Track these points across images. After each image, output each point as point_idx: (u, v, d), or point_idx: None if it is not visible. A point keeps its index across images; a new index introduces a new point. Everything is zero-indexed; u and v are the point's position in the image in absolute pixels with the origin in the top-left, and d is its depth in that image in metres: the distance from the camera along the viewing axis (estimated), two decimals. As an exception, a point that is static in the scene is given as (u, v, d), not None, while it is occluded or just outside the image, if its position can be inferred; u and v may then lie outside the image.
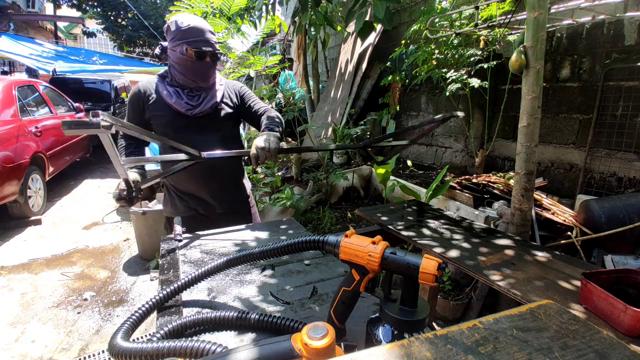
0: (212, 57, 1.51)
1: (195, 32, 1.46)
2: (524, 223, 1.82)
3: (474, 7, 2.72)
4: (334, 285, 1.02)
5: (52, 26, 14.91)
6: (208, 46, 1.48)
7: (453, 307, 2.36)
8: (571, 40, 3.11)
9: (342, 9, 4.38)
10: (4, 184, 3.70)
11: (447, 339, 0.41)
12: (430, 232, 1.43)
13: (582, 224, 2.22)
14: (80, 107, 6.40)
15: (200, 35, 1.46)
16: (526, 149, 1.74)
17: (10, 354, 2.22)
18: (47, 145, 4.70)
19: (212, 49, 1.50)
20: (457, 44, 3.51)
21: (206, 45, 1.47)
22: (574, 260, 1.18)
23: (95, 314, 2.65)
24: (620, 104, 2.77)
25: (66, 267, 3.32)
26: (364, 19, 2.17)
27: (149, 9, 14.56)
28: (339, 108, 5.40)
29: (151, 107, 1.55)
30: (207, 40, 1.48)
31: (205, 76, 1.54)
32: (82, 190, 5.68)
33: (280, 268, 1.13)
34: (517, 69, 1.72)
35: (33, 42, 9.95)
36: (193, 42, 1.45)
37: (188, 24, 1.45)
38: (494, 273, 1.08)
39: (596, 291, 0.88)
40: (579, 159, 3.06)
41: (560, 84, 3.21)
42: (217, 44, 1.54)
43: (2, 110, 4.06)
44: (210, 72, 1.55)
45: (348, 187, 4.26)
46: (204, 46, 1.47)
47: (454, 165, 4.34)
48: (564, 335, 0.44)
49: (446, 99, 4.16)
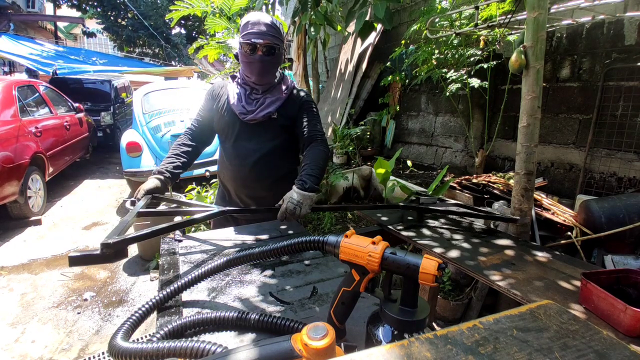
0: (266, 51, 1.45)
1: (250, 25, 1.44)
2: (524, 223, 1.82)
3: (474, 7, 2.72)
4: (334, 285, 1.01)
5: (52, 26, 14.91)
6: (259, 38, 1.42)
7: (453, 307, 2.36)
8: (571, 40, 3.11)
9: (342, 8, 4.38)
10: (4, 184, 3.70)
11: (447, 339, 0.41)
12: (430, 232, 1.43)
13: (582, 224, 2.22)
14: (80, 107, 6.39)
15: (254, 28, 1.43)
16: (526, 149, 1.74)
17: (10, 354, 2.22)
18: (47, 146, 4.69)
19: (264, 41, 1.43)
20: (457, 44, 3.51)
21: (257, 38, 1.42)
22: (573, 260, 1.18)
23: (95, 314, 2.65)
24: (620, 104, 2.77)
25: (66, 267, 3.32)
26: (364, 19, 2.17)
27: (149, 9, 14.56)
28: (339, 108, 5.40)
29: (220, 106, 1.59)
30: (260, 33, 1.42)
31: (258, 71, 1.48)
32: (82, 190, 5.67)
33: (281, 268, 1.13)
34: (517, 69, 1.72)
35: (33, 42, 9.95)
36: (245, 35, 1.44)
37: (247, 20, 1.45)
38: (494, 273, 1.08)
39: (596, 291, 0.88)
40: (579, 159, 3.06)
41: (560, 84, 3.21)
42: (277, 37, 1.47)
43: (2, 110, 4.06)
44: (264, 67, 1.48)
45: (348, 187, 4.26)
46: (254, 38, 1.42)
47: (454, 165, 4.34)
48: (564, 335, 0.44)
49: (446, 99, 4.16)
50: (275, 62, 1.51)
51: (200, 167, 4.85)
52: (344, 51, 6.02)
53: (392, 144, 5.40)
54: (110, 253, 0.85)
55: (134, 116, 5.14)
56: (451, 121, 4.47)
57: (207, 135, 1.68)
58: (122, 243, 0.89)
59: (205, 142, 1.69)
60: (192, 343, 0.63)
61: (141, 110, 5.12)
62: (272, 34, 1.45)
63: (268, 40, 1.44)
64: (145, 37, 14.88)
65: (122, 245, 0.88)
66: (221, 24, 3.30)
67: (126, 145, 4.63)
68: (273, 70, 1.55)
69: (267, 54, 1.46)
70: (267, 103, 1.53)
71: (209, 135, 1.69)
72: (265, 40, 1.44)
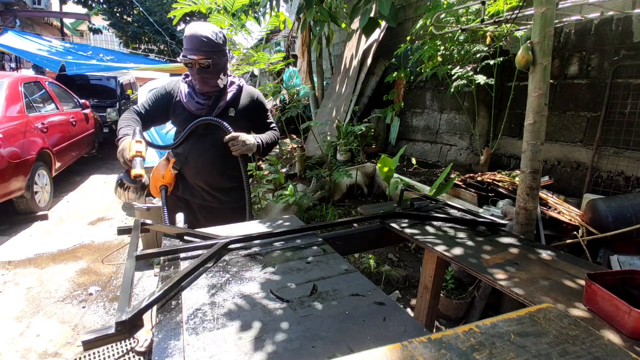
0: (202, 65, 1.56)
1: (186, 40, 1.55)
2: (529, 222, 1.80)
3: (480, 2, 2.68)
4: (335, 283, 1.01)
5: (58, 22, 14.98)
6: (193, 54, 1.54)
7: (456, 306, 2.34)
8: (579, 37, 3.06)
9: (346, 5, 4.35)
10: (11, 179, 3.74)
11: (441, 344, 0.40)
12: (434, 229, 1.42)
13: (589, 223, 2.20)
14: (86, 104, 6.43)
15: (188, 44, 1.54)
16: (532, 147, 1.72)
17: (15, 347, 2.25)
18: (53, 141, 4.73)
19: (197, 57, 1.54)
20: (463, 40, 3.46)
21: (192, 54, 1.54)
22: (578, 260, 1.16)
23: (100, 308, 2.68)
24: (629, 101, 2.72)
25: (72, 262, 3.35)
26: (369, 15, 2.14)
27: (154, 5, 14.56)
28: (343, 105, 5.38)
29: (174, 107, 1.72)
30: (194, 49, 1.54)
31: (199, 82, 1.63)
32: (88, 185, 5.72)
33: (281, 266, 1.12)
34: (523, 65, 1.69)
35: (40, 38, 10.00)
36: (183, 50, 1.57)
37: (185, 33, 1.56)
38: (497, 272, 1.07)
39: (600, 292, 0.86)
40: (586, 158, 3.02)
41: (568, 81, 3.17)
42: (211, 52, 1.56)
43: (8, 106, 4.09)
44: (203, 79, 1.61)
45: (351, 185, 4.25)
46: (190, 54, 1.54)
47: (458, 163, 4.31)
48: (563, 340, 0.43)
49: (451, 96, 4.12)
50: (214, 72, 1.62)
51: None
52: (348, 47, 5.98)
53: (397, 141, 5.37)
54: (126, 329, 0.79)
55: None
56: (456, 118, 4.43)
57: (146, 123, 1.75)
58: (136, 317, 0.81)
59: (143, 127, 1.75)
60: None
61: (146, 107, 5.14)
62: (206, 49, 1.55)
63: (202, 55, 1.55)
64: (151, 33, 14.90)
65: (136, 318, 0.81)
66: (224, 22, 3.29)
67: (131, 142, 4.65)
68: (213, 81, 1.65)
69: (203, 67, 1.57)
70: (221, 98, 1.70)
71: (148, 125, 1.78)
72: (198, 56, 1.55)
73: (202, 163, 1.73)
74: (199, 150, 1.71)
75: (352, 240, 1.47)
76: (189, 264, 1.05)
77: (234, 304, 0.90)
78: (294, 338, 0.76)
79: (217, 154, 1.71)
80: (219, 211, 1.80)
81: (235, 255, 1.19)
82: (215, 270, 1.09)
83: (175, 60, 14.43)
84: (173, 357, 0.71)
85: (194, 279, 1.03)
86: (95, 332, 0.76)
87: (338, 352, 0.71)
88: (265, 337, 0.77)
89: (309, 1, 2.55)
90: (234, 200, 1.81)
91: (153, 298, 0.88)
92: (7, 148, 3.74)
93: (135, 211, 3.46)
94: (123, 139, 1.53)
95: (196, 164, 1.73)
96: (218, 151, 1.69)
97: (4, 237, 3.80)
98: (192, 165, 1.73)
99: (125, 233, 1.31)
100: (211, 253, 1.11)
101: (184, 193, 1.81)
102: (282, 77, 6.82)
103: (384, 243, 1.62)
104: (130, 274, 0.97)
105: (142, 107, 1.73)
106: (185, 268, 1.02)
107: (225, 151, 1.67)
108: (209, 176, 1.75)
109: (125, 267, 1.01)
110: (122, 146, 1.50)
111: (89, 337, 0.74)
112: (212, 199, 1.79)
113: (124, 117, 1.66)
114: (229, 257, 1.17)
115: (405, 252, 3.24)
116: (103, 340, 0.76)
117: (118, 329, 0.77)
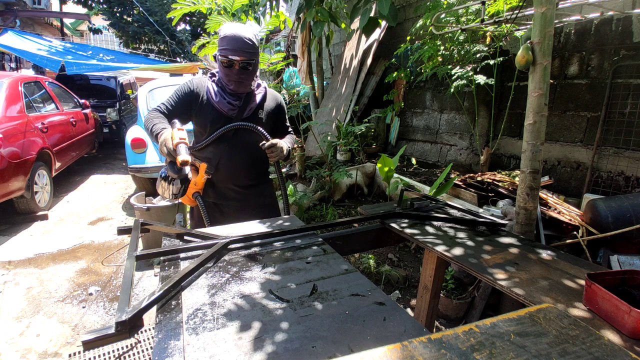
0: (242, 67, 1.56)
1: (227, 40, 1.54)
2: (529, 222, 1.80)
3: (480, 2, 2.69)
4: (335, 283, 1.01)
5: (58, 22, 14.98)
6: (236, 55, 1.53)
7: (456, 306, 2.34)
8: (579, 37, 3.06)
9: (346, 5, 4.35)
10: (11, 179, 3.74)
11: (441, 344, 0.40)
12: (434, 229, 1.42)
13: (589, 223, 2.20)
14: (86, 104, 6.43)
15: (231, 44, 1.53)
16: (532, 147, 1.72)
17: (15, 347, 2.25)
18: (53, 141, 4.73)
19: (240, 58, 1.53)
20: (463, 40, 3.46)
21: (234, 54, 1.53)
22: (579, 260, 1.16)
23: (100, 308, 2.68)
24: (629, 101, 2.73)
25: (72, 262, 3.35)
26: (369, 15, 2.14)
27: (154, 5, 14.56)
28: (343, 105, 5.38)
29: (200, 107, 1.67)
30: (237, 50, 1.53)
31: (235, 83, 1.60)
32: (88, 186, 5.72)
33: (281, 266, 1.12)
34: (523, 65, 1.69)
35: (40, 38, 10.00)
36: (223, 50, 1.55)
37: (224, 33, 1.54)
38: (497, 272, 1.07)
39: (600, 292, 0.86)
40: (586, 158, 3.02)
41: (568, 81, 3.17)
42: (253, 53, 1.57)
43: (8, 106, 4.09)
44: (240, 80, 1.60)
45: (351, 185, 4.25)
46: (232, 55, 1.53)
47: (458, 163, 4.31)
48: (563, 340, 0.43)
49: (451, 96, 4.12)
50: (251, 74, 1.62)
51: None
52: (348, 47, 5.99)
53: (397, 141, 5.37)
54: (126, 329, 0.79)
55: (139, 112, 5.16)
56: (456, 118, 4.43)
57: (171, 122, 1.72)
58: (136, 317, 0.81)
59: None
60: None
61: (146, 107, 5.14)
62: (248, 51, 1.55)
63: (244, 57, 1.55)
64: (151, 33, 14.90)
65: (136, 319, 0.82)
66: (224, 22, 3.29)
67: (131, 142, 4.65)
68: (249, 82, 1.65)
69: (243, 69, 1.57)
70: (250, 100, 1.69)
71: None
72: (241, 57, 1.54)
73: (234, 166, 1.71)
74: (230, 153, 1.69)
75: (352, 240, 1.47)
76: (189, 264, 1.05)
77: (234, 304, 0.90)
78: (294, 338, 0.76)
79: (248, 155, 1.71)
80: (251, 209, 1.78)
81: (235, 255, 1.19)
82: (215, 270, 1.09)
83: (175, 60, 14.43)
84: (173, 357, 0.71)
85: (194, 279, 1.03)
86: (95, 332, 0.76)
87: (338, 352, 0.71)
88: (265, 337, 0.76)
89: (309, 1, 2.55)
90: (265, 194, 1.84)
91: (153, 298, 0.88)
92: (7, 148, 3.74)
93: (135, 211, 3.46)
94: (161, 132, 1.47)
95: (227, 167, 1.70)
96: (248, 152, 1.70)
97: (4, 237, 3.80)
98: (223, 169, 1.71)
99: (125, 233, 1.31)
100: (211, 253, 1.11)
101: (215, 198, 1.77)
102: (282, 77, 6.82)
103: (384, 243, 1.62)
104: (130, 274, 0.97)
105: (165, 106, 1.67)
106: (185, 268, 1.02)
107: (254, 152, 1.69)
108: (240, 177, 1.74)
109: (125, 267, 1.01)
110: (164, 137, 1.43)
111: (89, 337, 0.74)
112: (245, 197, 1.78)
113: (152, 116, 1.60)
114: (229, 257, 1.17)
115: (405, 252, 3.24)
116: (103, 340, 0.76)
117: (118, 329, 0.77)
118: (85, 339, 0.73)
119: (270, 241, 1.30)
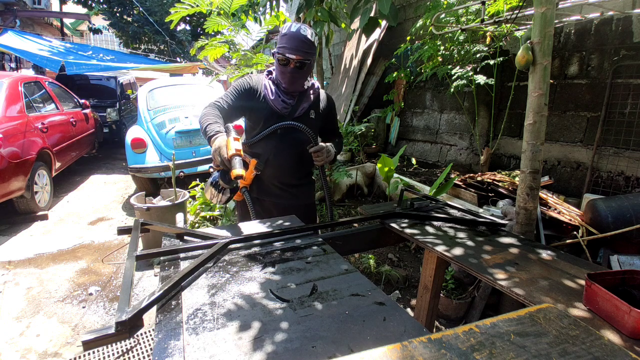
0: (298, 65, 1.57)
1: (286, 39, 1.54)
2: (529, 222, 1.80)
3: (480, 2, 2.69)
4: (335, 283, 1.01)
5: (58, 22, 14.97)
6: (292, 54, 1.54)
7: (456, 306, 2.34)
8: (579, 37, 3.06)
9: (346, 4, 4.35)
10: (11, 179, 3.74)
11: (441, 344, 0.40)
12: (434, 229, 1.42)
13: (589, 223, 2.20)
14: (86, 104, 6.43)
15: (289, 43, 1.54)
16: (532, 147, 1.72)
17: (15, 347, 2.24)
18: (53, 141, 4.73)
19: (296, 57, 1.55)
20: (463, 40, 3.46)
21: (291, 53, 1.54)
22: (578, 260, 1.16)
23: (100, 308, 2.68)
24: (629, 101, 2.73)
25: (72, 262, 3.35)
26: (369, 15, 2.15)
27: (154, 5, 14.55)
28: (343, 105, 5.37)
29: (256, 103, 1.68)
30: (294, 49, 1.54)
31: (289, 81, 1.62)
32: (88, 186, 5.72)
33: (281, 265, 1.12)
34: (523, 65, 1.69)
35: (40, 38, 10.00)
36: (281, 48, 1.56)
37: (285, 31, 1.56)
38: (496, 272, 1.07)
39: (600, 292, 0.86)
40: (586, 158, 3.02)
41: (568, 81, 3.17)
42: (309, 53, 1.58)
43: (8, 106, 4.09)
44: (294, 78, 1.61)
45: (351, 185, 4.25)
46: (288, 53, 1.54)
47: (458, 163, 4.31)
48: (563, 341, 0.43)
49: (451, 96, 4.12)
50: (305, 73, 1.63)
51: (204, 163, 4.82)
52: (348, 47, 5.98)
53: (397, 141, 5.37)
54: (126, 329, 0.79)
55: (139, 112, 5.16)
56: (456, 118, 4.43)
57: (225, 119, 1.67)
58: (136, 317, 0.82)
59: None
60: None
61: (146, 107, 5.14)
62: (305, 50, 1.56)
63: (300, 56, 1.55)
64: (151, 33, 14.89)
65: (136, 319, 0.82)
66: (222, 23, 3.29)
67: (131, 142, 4.65)
68: (302, 81, 1.66)
69: (298, 68, 1.58)
70: (304, 99, 1.71)
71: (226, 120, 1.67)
72: (297, 56, 1.55)
73: (280, 163, 1.72)
74: (278, 150, 1.70)
75: (352, 240, 1.47)
76: (189, 264, 1.05)
77: (233, 304, 0.90)
78: (294, 338, 0.76)
79: (295, 153, 1.72)
80: (293, 209, 1.78)
81: (235, 255, 1.19)
82: (215, 270, 1.09)
83: (175, 60, 14.43)
84: (173, 357, 0.71)
85: (194, 279, 1.02)
86: (95, 332, 0.76)
87: (338, 352, 0.71)
88: (265, 337, 0.76)
89: (309, 1, 2.56)
90: (306, 196, 1.86)
91: (153, 298, 0.88)
92: (7, 148, 3.74)
93: (135, 211, 3.46)
94: (216, 136, 1.42)
95: (275, 163, 1.72)
96: (295, 150, 1.71)
97: (4, 237, 3.80)
98: (270, 166, 1.72)
99: (125, 233, 1.31)
100: (211, 253, 1.11)
101: (259, 193, 1.80)
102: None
103: (384, 243, 1.62)
104: (130, 274, 0.97)
105: (225, 101, 1.64)
106: (185, 268, 1.02)
107: (301, 152, 1.71)
108: (286, 175, 1.76)
109: (125, 267, 1.01)
110: (218, 144, 1.37)
111: (89, 337, 0.74)
112: (288, 195, 1.79)
113: (208, 113, 1.56)
114: (229, 257, 1.17)
115: (405, 252, 3.24)
116: (103, 340, 0.76)
117: (118, 329, 0.78)
118: (85, 339, 0.73)
119: (270, 241, 1.30)
